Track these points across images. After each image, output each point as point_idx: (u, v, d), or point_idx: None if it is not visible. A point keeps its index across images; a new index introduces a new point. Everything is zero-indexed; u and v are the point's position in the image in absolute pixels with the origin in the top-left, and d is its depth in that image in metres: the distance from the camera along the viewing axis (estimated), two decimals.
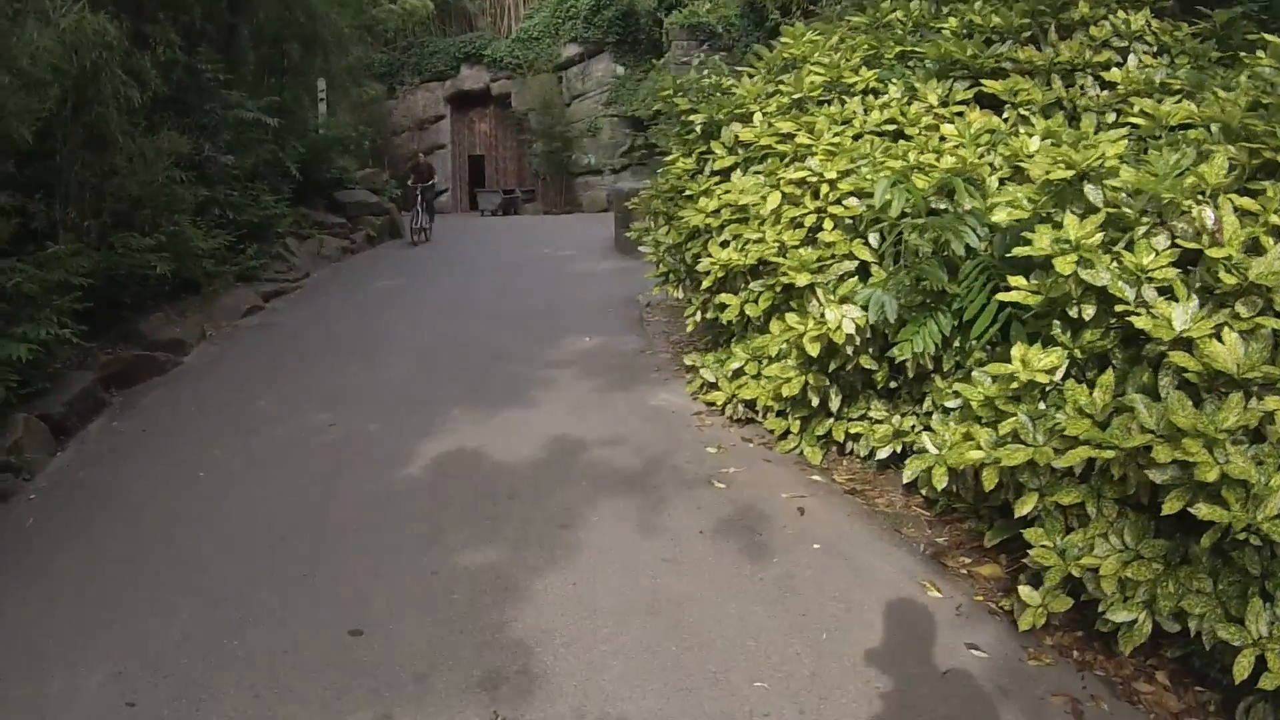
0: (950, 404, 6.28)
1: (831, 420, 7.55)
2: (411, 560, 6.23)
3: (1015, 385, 5.26)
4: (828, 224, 7.45)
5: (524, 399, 9.50)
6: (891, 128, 8.03)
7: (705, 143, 9.37)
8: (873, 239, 7.21)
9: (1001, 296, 5.53)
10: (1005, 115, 7.84)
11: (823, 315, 7.00)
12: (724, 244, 8.46)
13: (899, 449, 6.95)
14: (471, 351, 11.63)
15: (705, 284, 8.63)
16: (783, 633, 5.26)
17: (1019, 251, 5.42)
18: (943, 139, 7.55)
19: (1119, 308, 4.98)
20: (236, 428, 8.99)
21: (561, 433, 8.45)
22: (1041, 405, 5.19)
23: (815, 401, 7.46)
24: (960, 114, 7.89)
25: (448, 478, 7.64)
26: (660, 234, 9.68)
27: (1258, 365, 4.41)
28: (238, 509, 7.17)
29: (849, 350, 6.99)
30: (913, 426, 6.89)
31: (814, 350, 6.98)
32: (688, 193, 9.24)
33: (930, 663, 4.95)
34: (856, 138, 7.97)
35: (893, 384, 7.26)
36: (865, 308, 6.67)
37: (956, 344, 6.33)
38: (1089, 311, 5.16)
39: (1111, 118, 7.47)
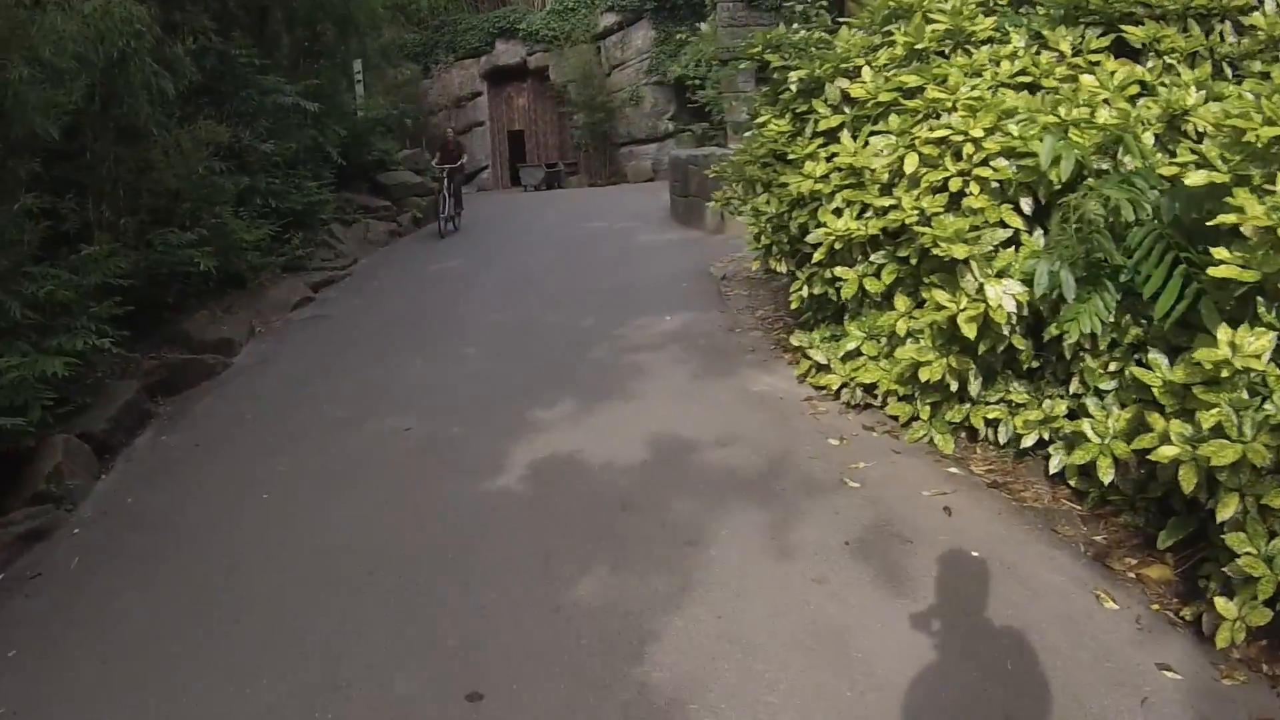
0: (1104, 386, 5.77)
1: (968, 405, 6.75)
2: (523, 594, 5.34)
3: (1225, 373, 4.57)
4: (973, 188, 6.55)
5: (615, 390, 8.58)
6: (1025, 79, 7.16)
7: (805, 101, 8.41)
8: (1025, 204, 6.42)
9: (1214, 271, 4.73)
10: (1149, 65, 7.02)
11: (979, 291, 6.14)
12: (836, 211, 7.59)
13: (1045, 435, 6.20)
14: (546, 337, 10.68)
15: (816, 256, 7.75)
16: (962, 664, 4.54)
17: (1225, 219, 4.71)
18: (1090, 92, 6.69)
19: None
20: (301, 436, 8.12)
21: (665, 428, 7.55)
22: (1244, 394, 4.54)
23: (954, 386, 6.65)
24: (1095, 64, 7.08)
25: (549, 488, 6.74)
26: (760, 202, 8.72)
27: None
28: (313, 536, 6.29)
29: (1004, 330, 6.15)
30: (1061, 412, 6.13)
31: (971, 332, 6.14)
32: (790, 156, 8.29)
33: (1126, 689, 4.34)
34: (992, 91, 7.06)
35: (1034, 363, 6.47)
36: (1027, 282, 5.87)
37: (1111, 320, 5.65)
38: None
39: (1258, 66, 6.77)
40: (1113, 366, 5.76)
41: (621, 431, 7.57)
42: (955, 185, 6.64)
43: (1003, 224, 6.41)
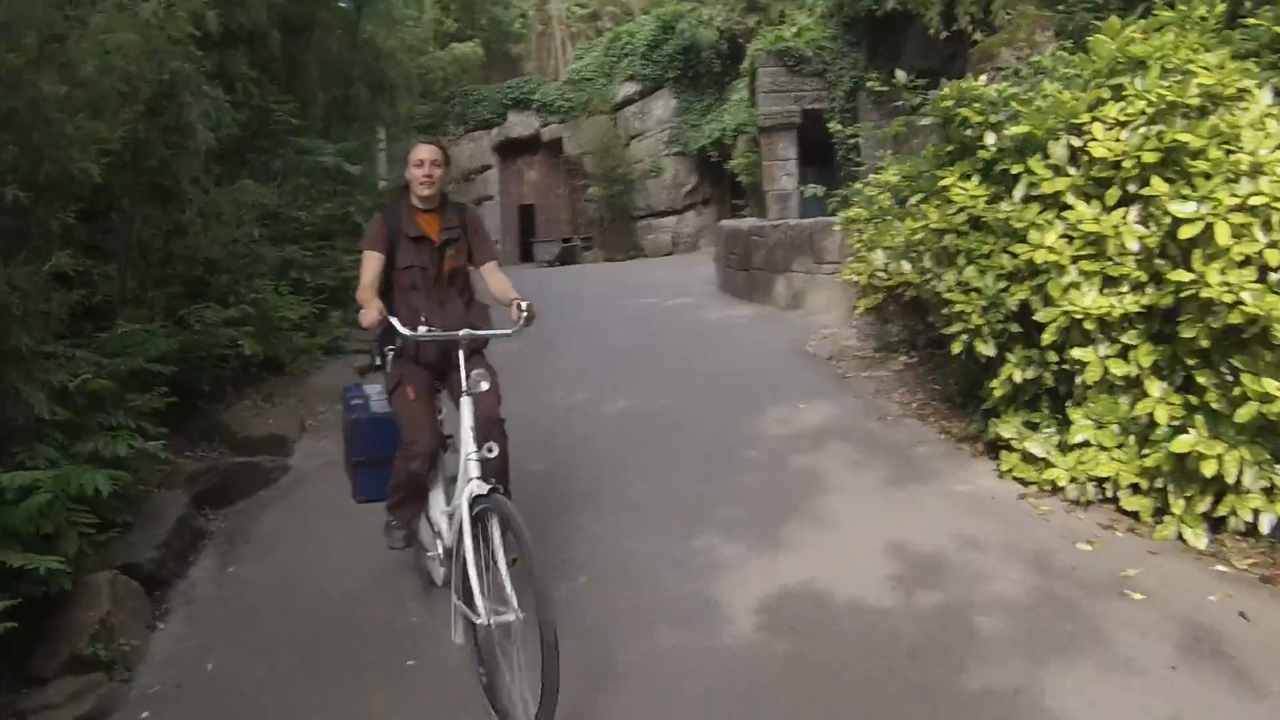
0: None
1: (1233, 496, 5.97)
2: None
3: None
4: None
5: (804, 503, 6.98)
6: None
7: (1019, 160, 7.20)
8: None
9: None
10: None
11: None
12: (1071, 286, 6.63)
13: None
14: (678, 437, 8.83)
15: (1046, 338, 6.73)
16: None
17: None
18: None
19: None
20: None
21: (893, 542, 6.23)
22: None
23: (1233, 478, 5.84)
24: None
25: (802, 639, 5.19)
26: (971, 277, 7.40)
27: None
28: None
29: None
30: None
31: None
32: (1014, 223, 7.02)
33: None
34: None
35: None
36: None
37: None
38: None
39: None
40: None
41: (844, 554, 6.15)
42: (1273, 258, 5.64)
43: None
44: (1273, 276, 5.62)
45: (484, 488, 4.66)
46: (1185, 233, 5.90)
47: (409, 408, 5.50)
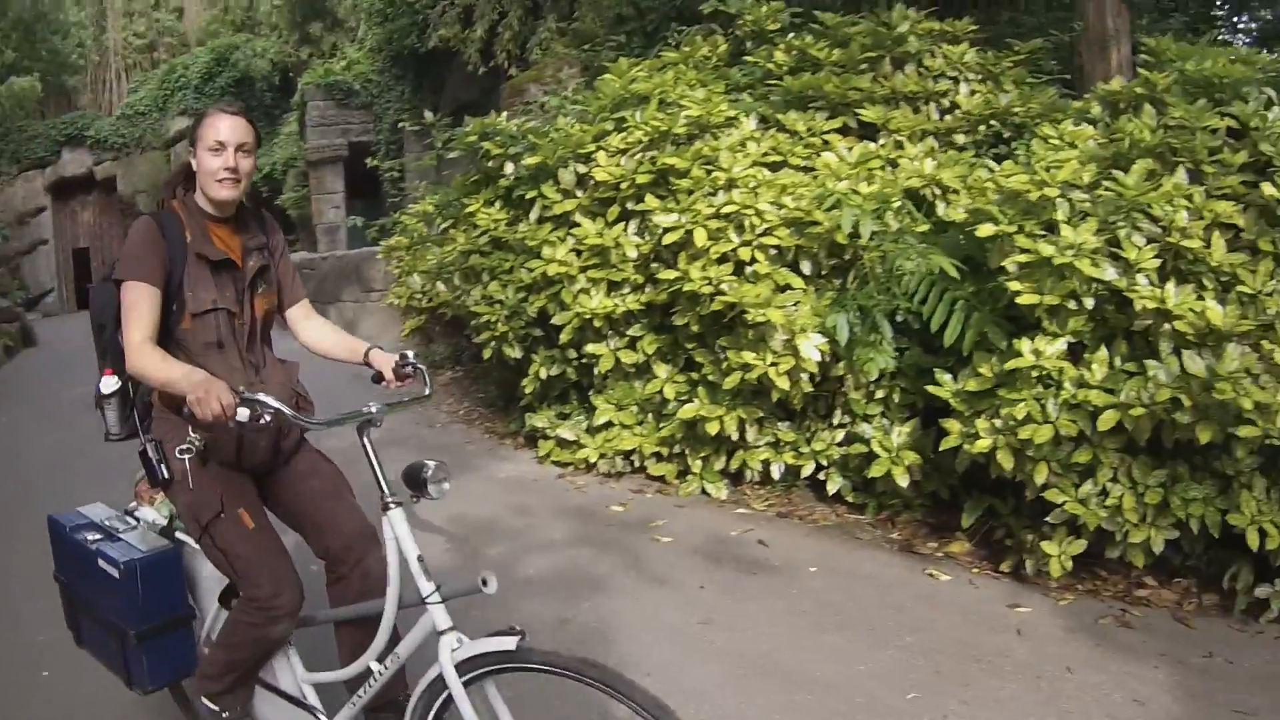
0: (871, 411, 6.77)
1: (742, 452, 7.33)
2: None
3: (1034, 374, 5.53)
4: (760, 256, 7.08)
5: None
6: (775, 158, 7.79)
7: (532, 187, 8.50)
8: (805, 267, 7.14)
9: (1022, 300, 5.68)
10: (881, 141, 7.92)
11: (791, 347, 6.64)
12: (581, 292, 7.88)
13: (822, 464, 7.06)
14: None
15: (563, 338, 7.97)
16: (869, 661, 4.93)
17: (1022, 259, 5.70)
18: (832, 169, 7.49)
19: (1131, 294, 5.47)
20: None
21: (454, 515, 7.04)
22: (1039, 388, 5.57)
23: (735, 436, 7.16)
24: (826, 143, 7.90)
25: None
26: (494, 291, 8.63)
27: (1237, 323, 5.24)
28: None
29: (806, 379, 6.77)
30: (838, 440, 7.01)
31: (785, 384, 6.65)
32: (529, 243, 8.30)
33: (1000, 627, 5.26)
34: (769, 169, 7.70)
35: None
36: (826, 334, 6.59)
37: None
38: (1090, 302, 5.58)
39: (962, 139, 8.02)
40: (879, 394, 6.76)
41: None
42: (745, 254, 7.02)
43: (788, 287, 6.95)
44: (748, 270, 6.98)
45: (501, 643, 2.89)
46: (669, 239, 7.23)
47: (251, 544, 3.37)
